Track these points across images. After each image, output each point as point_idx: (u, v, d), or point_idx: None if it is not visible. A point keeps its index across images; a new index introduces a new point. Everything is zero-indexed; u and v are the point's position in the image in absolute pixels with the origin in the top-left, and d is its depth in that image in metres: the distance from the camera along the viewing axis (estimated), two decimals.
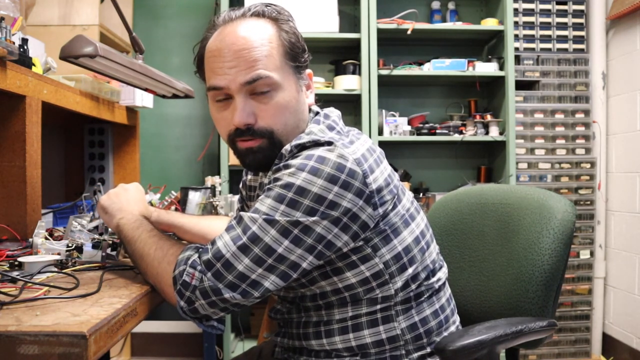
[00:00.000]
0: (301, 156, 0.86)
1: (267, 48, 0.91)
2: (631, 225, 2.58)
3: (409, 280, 0.94)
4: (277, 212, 0.83)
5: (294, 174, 0.84)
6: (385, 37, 2.65)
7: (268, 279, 0.84)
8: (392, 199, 0.90)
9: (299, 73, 0.97)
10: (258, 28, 0.93)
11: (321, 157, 0.84)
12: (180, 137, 2.90)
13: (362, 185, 0.85)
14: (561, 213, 1.11)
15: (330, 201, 0.83)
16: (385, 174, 0.91)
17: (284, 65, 0.93)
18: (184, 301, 0.84)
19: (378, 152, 0.94)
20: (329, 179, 0.83)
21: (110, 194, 1.08)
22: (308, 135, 0.92)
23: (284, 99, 0.92)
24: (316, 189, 0.82)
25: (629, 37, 2.62)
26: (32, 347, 0.62)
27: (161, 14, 2.89)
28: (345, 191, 0.83)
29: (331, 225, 0.84)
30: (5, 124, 1.31)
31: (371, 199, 0.86)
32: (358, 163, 0.85)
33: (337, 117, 1.00)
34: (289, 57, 0.94)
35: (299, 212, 0.82)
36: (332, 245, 0.85)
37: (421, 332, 0.95)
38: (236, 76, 0.90)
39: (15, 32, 1.28)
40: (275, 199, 0.84)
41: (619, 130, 2.70)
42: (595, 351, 2.73)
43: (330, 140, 0.87)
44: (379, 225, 0.89)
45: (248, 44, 0.90)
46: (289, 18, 0.97)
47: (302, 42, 0.98)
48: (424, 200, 2.63)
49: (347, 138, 0.92)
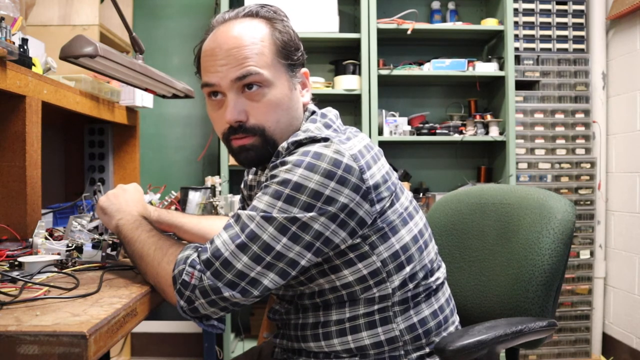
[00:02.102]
0: (297, 153, 0.87)
1: (258, 46, 0.92)
2: (631, 225, 2.58)
3: (407, 279, 0.94)
4: (275, 209, 0.83)
5: (291, 170, 0.84)
6: (385, 37, 2.65)
7: (267, 276, 0.84)
8: (389, 196, 0.90)
9: (292, 71, 0.98)
10: (250, 27, 0.94)
11: (317, 153, 0.85)
12: (180, 137, 2.90)
13: (359, 180, 0.85)
14: (561, 213, 1.11)
15: (327, 197, 0.83)
16: (383, 171, 0.91)
17: (276, 63, 0.94)
18: (184, 300, 0.84)
19: (376, 150, 0.94)
20: (325, 175, 0.83)
21: (109, 195, 1.08)
22: (305, 132, 0.92)
23: (275, 96, 0.93)
24: (312, 184, 0.83)
25: (629, 37, 2.62)
26: (32, 347, 0.62)
27: (161, 14, 2.89)
28: (342, 186, 0.84)
29: (328, 222, 0.84)
30: (5, 124, 1.31)
31: (368, 195, 0.86)
32: (355, 159, 0.86)
33: (334, 116, 1.00)
34: (281, 55, 0.95)
35: (296, 208, 0.83)
36: (330, 242, 0.86)
37: (420, 333, 0.95)
38: (227, 73, 0.91)
39: (15, 32, 1.28)
40: (272, 196, 0.84)
41: (619, 130, 2.70)
42: (595, 351, 2.73)
43: (326, 137, 0.88)
44: (376, 222, 0.89)
45: (239, 42, 0.92)
46: (284, 18, 0.99)
47: (297, 41, 0.99)
48: (424, 200, 2.63)
49: (343, 135, 0.92)
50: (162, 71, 1.44)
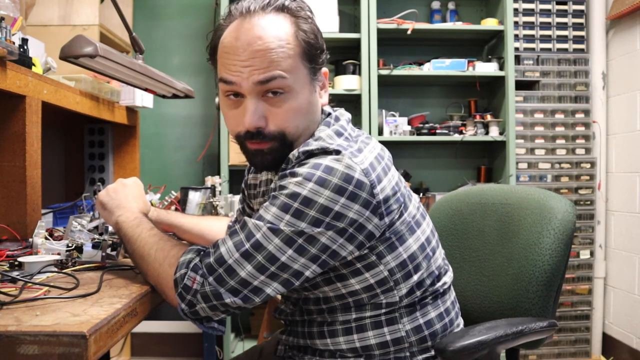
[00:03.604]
0: (308, 164, 0.84)
1: (284, 50, 0.87)
2: (631, 225, 2.58)
3: (414, 287, 0.93)
4: (282, 222, 0.82)
5: (301, 184, 0.82)
6: (385, 37, 2.65)
7: (270, 285, 0.83)
8: (398, 208, 0.89)
9: (314, 74, 0.93)
10: (276, 27, 0.88)
11: (329, 167, 0.82)
12: (180, 137, 2.90)
13: (370, 196, 0.83)
14: (561, 213, 1.11)
15: (337, 212, 0.81)
16: (393, 182, 0.89)
17: (300, 67, 0.89)
18: (185, 304, 0.84)
19: (386, 158, 0.93)
20: (336, 190, 0.81)
21: (109, 190, 1.07)
22: (316, 141, 0.90)
23: (297, 102, 0.89)
24: (322, 200, 0.81)
25: (629, 37, 2.62)
26: (32, 347, 0.62)
27: (161, 14, 2.88)
28: (352, 202, 0.82)
29: (336, 236, 0.83)
30: (5, 124, 1.31)
31: (378, 209, 0.85)
32: (366, 173, 0.84)
33: (346, 120, 0.97)
34: (306, 58, 0.90)
35: (304, 223, 0.81)
36: (337, 255, 0.85)
37: (426, 335, 0.94)
38: (250, 75, 0.86)
39: (15, 32, 1.28)
40: (280, 208, 0.82)
41: (619, 130, 2.69)
42: (595, 351, 2.73)
43: (338, 149, 0.85)
44: (384, 233, 0.88)
45: (265, 44, 0.86)
46: (310, 14, 0.93)
47: (322, 42, 0.93)
48: (424, 201, 2.63)
49: (355, 145, 0.90)
50: (162, 71, 1.44)
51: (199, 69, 2.85)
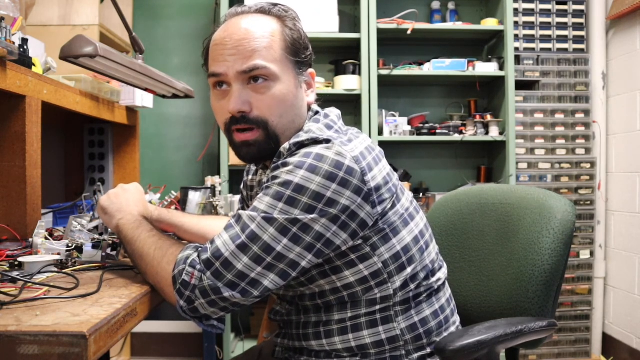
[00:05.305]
0: (299, 154, 0.86)
1: (267, 40, 0.93)
2: (631, 225, 2.58)
3: (408, 280, 0.94)
4: (276, 210, 0.83)
5: (292, 172, 0.84)
6: (385, 37, 2.65)
7: (267, 277, 0.84)
8: (390, 198, 0.90)
9: (300, 69, 0.98)
10: (261, 22, 0.95)
11: (319, 154, 0.85)
12: (180, 137, 2.90)
13: (361, 182, 0.85)
14: (561, 213, 1.11)
15: (329, 199, 0.83)
16: (384, 172, 0.91)
17: (284, 58, 0.94)
18: (184, 300, 0.84)
19: (377, 151, 0.94)
20: (327, 177, 0.83)
21: (110, 195, 1.08)
22: (307, 133, 0.92)
23: (280, 91, 0.93)
24: (314, 186, 0.83)
25: (629, 37, 2.62)
26: (32, 347, 0.62)
27: (161, 14, 2.88)
28: (344, 189, 0.84)
29: (330, 223, 0.84)
30: (5, 124, 1.31)
31: (370, 197, 0.86)
32: (356, 161, 0.86)
33: (336, 116, 1.00)
34: (290, 51, 0.95)
35: (297, 210, 0.83)
36: (331, 244, 0.86)
37: (421, 333, 0.95)
38: (234, 64, 0.91)
39: (15, 32, 1.28)
40: (273, 197, 0.84)
41: (619, 130, 2.70)
42: (595, 351, 2.73)
43: (328, 138, 0.88)
44: (377, 224, 0.89)
45: (249, 34, 0.92)
46: (295, 17, 0.99)
47: (306, 41, 0.99)
48: (424, 200, 2.63)
49: (345, 136, 0.92)
50: (162, 71, 1.44)
51: (199, 69, 2.84)
